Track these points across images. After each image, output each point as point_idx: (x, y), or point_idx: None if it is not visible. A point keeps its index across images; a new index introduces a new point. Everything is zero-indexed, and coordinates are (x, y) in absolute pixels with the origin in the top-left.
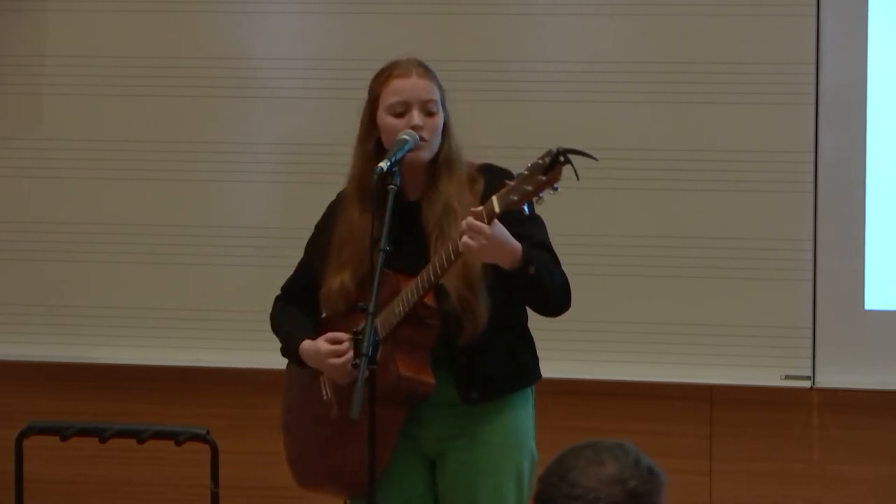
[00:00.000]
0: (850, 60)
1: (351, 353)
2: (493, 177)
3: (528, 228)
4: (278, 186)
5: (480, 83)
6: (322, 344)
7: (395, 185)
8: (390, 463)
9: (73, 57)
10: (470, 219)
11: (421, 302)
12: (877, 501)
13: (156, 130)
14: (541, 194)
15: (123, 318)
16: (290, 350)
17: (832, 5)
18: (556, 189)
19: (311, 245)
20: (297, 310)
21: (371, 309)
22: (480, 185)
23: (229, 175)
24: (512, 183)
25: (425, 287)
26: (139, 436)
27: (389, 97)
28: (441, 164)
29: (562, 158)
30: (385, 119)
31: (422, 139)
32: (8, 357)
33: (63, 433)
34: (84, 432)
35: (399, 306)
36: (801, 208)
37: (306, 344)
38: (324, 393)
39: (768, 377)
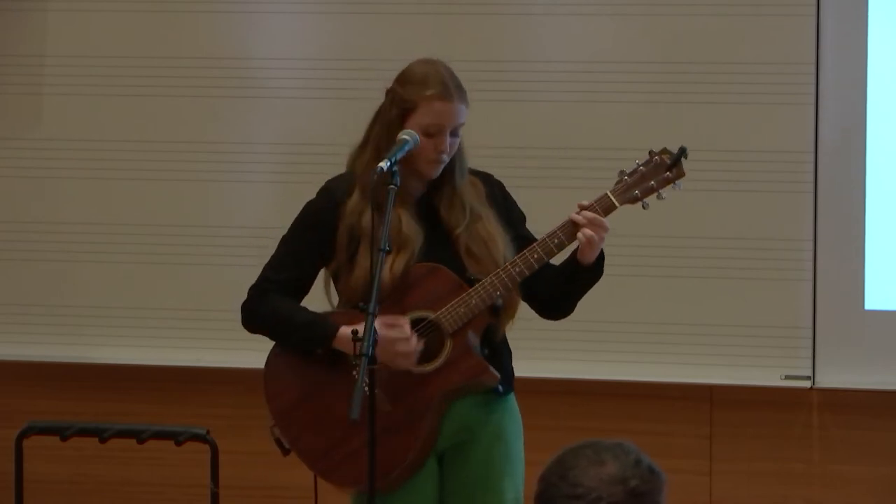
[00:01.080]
0: (850, 60)
1: (415, 338)
2: (486, 181)
3: (520, 224)
4: (278, 186)
5: (480, 83)
6: (381, 329)
7: (396, 185)
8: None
9: (73, 57)
10: (591, 214)
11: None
12: (877, 501)
13: (156, 130)
14: (662, 192)
15: (123, 318)
16: (323, 338)
17: (832, 5)
18: (679, 186)
19: (304, 236)
20: (295, 302)
21: (371, 309)
22: (482, 189)
23: (229, 175)
24: (628, 179)
25: (515, 281)
26: (139, 436)
27: (427, 116)
28: (455, 164)
29: (685, 157)
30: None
31: (439, 161)
32: (8, 357)
33: (63, 433)
34: (84, 432)
35: (475, 298)
36: (801, 208)
37: (349, 331)
38: (366, 389)
39: (768, 377)
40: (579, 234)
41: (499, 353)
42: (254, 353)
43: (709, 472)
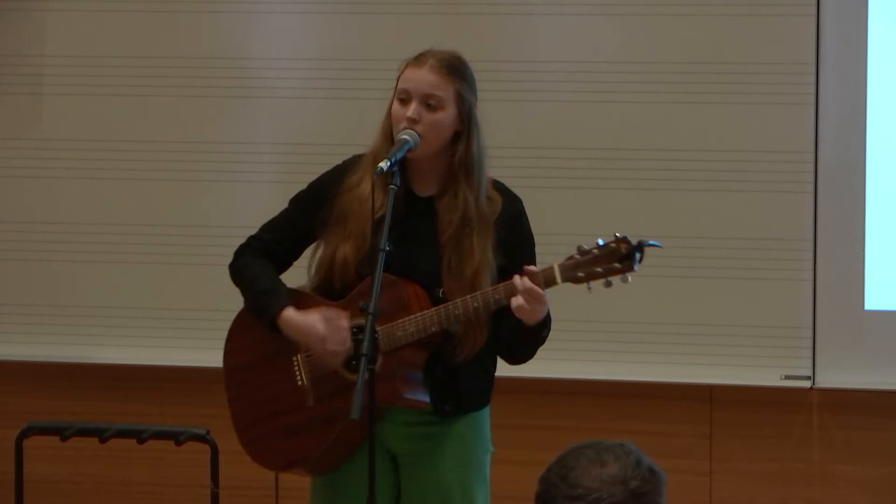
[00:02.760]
0: (850, 60)
1: (350, 343)
2: (509, 201)
3: (524, 261)
4: (278, 186)
5: (480, 83)
6: (319, 323)
7: (396, 185)
8: (355, 460)
9: (73, 57)
10: (529, 284)
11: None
12: (877, 501)
13: (156, 130)
14: (610, 279)
15: (123, 318)
16: (267, 312)
17: (832, 5)
18: (627, 280)
19: (301, 202)
20: (272, 268)
21: (371, 309)
22: (498, 206)
23: (229, 175)
24: (579, 258)
25: (450, 320)
26: (139, 436)
27: (400, 83)
28: (458, 167)
29: (639, 254)
30: (393, 103)
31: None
32: (8, 357)
33: (63, 433)
34: (84, 432)
35: (413, 327)
36: (801, 208)
37: (293, 315)
38: (298, 378)
39: (768, 377)
40: (513, 300)
41: (458, 375)
42: None
43: (709, 472)
